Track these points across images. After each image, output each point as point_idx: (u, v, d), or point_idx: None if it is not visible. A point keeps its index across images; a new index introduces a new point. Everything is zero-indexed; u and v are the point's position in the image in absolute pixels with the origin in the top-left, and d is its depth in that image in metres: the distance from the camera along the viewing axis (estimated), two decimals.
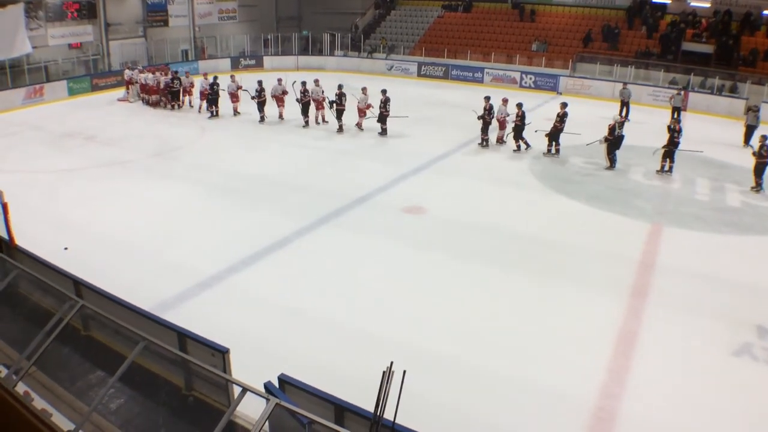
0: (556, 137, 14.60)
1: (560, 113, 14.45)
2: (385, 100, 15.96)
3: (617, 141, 13.71)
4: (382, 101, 15.98)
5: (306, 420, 3.55)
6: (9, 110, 19.03)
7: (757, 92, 20.82)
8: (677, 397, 6.04)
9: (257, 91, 17.35)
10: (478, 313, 7.56)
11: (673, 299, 7.96)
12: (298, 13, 35.59)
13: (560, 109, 14.52)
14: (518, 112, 14.71)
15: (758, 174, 12.51)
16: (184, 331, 5.18)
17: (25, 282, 6.22)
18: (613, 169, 13.78)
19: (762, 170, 12.47)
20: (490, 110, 15.10)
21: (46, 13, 22.52)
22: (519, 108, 14.81)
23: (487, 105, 15.06)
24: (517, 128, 14.81)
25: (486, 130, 15.35)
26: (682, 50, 24.35)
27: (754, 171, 12.61)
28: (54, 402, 4.89)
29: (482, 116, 15.16)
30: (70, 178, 12.59)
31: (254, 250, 9.14)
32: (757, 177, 12.53)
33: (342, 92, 16.57)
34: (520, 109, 14.79)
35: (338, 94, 16.57)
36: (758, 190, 12.50)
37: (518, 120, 14.77)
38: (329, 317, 7.36)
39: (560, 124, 14.45)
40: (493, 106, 15.13)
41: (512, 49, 27.35)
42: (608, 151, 13.91)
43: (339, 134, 16.51)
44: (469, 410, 5.78)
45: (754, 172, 12.60)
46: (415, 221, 10.58)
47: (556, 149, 14.75)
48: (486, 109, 15.10)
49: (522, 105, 14.81)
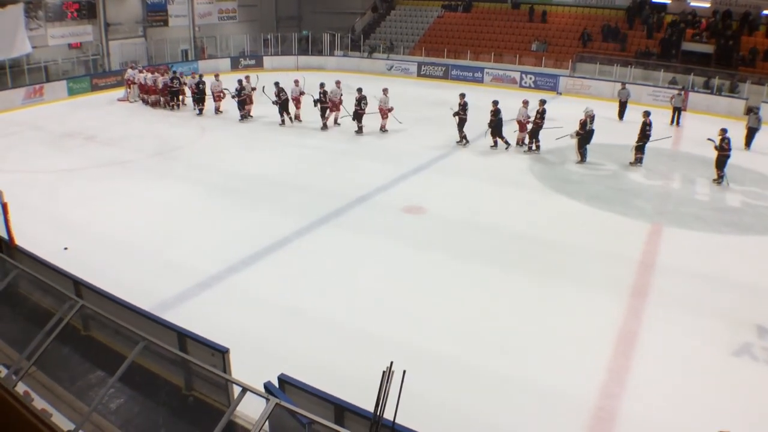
0: (536, 134, 14.78)
1: (539, 110, 14.63)
2: (360, 98, 16.14)
3: (588, 135, 14.00)
4: (357, 99, 16.17)
5: (306, 420, 3.55)
6: (9, 110, 19.03)
7: (757, 92, 20.82)
8: (677, 397, 6.04)
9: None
10: (478, 313, 7.56)
11: (673, 299, 7.96)
12: (298, 13, 35.59)
13: (539, 106, 14.68)
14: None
15: (720, 166, 12.94)
16: (184, 331, 5.19)
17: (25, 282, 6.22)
18: (584, 162, 14.12)
19: (724, 163, 12.89)
20: (465, 107, 15.22)
21: (45, 13, 22.51)
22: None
23: (461, 102, 15.22)
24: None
25: (462, 127, 15.44)
26: (682, 50, 24.36)
27: (715, 164, 13.02)
28: (54, 402, 4.89)
29: (457, 113, 15.32)
30: (70, 178, 12.59)
31: (254, 250, 9.14)
32: (719, 169, 12.96)
33: (325, 90, 16.70)
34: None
35: (321, 92, 16.72)
36: (720, 182, 12.90)
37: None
38: (329, 317, 7.36)
39: (540, 121, 14.64)
40: (467, 103, 15.25)
41: (512, 49, 27.35)
42: (579, 146, 14.24)
43: (323, 131, 16.70)
44: (469, 410, 5.78)
45: (715, 165, 13.02)
46: (415, 221, 10.58)
47: (536, 146, 14.92)
48: (461, 105, 15.23)
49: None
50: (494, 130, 14.93)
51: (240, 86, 17.49)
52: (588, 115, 13.95)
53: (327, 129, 16.91)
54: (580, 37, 26.50)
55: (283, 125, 17.34)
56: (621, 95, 19.45)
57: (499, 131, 15.03)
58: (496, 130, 14.94)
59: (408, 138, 16.27)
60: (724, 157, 12.84)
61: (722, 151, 12.82)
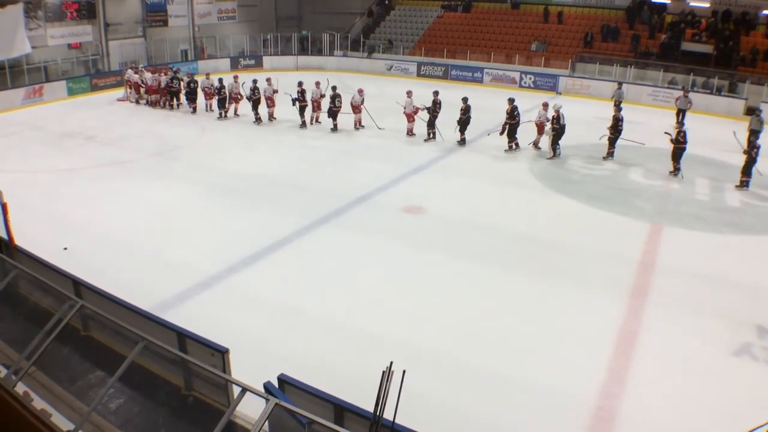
0: (513, 133, 14.93)
1: (508, 109, 14.82)
2: (334, 96, 16.31)
3: (561, 130, 14.23)
4: (332, 97, 16.35)
5: (306, 420, 3.55)
6: (8, 110, 19.02)
7: (757, 92, 20.82)
8: (677, 397, 6.04)
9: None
10: (478, 313, 7.56)
11: (673, 299, 7.96)
12: (297, 13, 35.58)
13: (508, 105, 14.86)
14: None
15: (676, 159, 13.27)
16: (183, 331, 5.18)
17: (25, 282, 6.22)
18: (558, 157, 14.38)
19: (679, 155, 13.19)
20: (439, 105, 15.47)
21: (45, 13, 22.49)
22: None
23: (436, 99, 15.43)
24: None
25: (433, 124, 15.64)
26: (682, 50, 24.37)
27: (672, 156, 13.33)
28: (54, 402, 4.89)
29: (428, 108, 15.49)
30: (70, 178, 12.58)
31: (254, 250, 9.14)
32: (675, 162, 13.30)
33: (303, 89, 16.84)
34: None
35: (299, 91, 16.84)
36: (676, 174, 13.25)
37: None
38: (329, 317, 7.36)
39: (512, 120, 14.78)
40: (441, 101, 15.48)
41: (512, 49, 27.35)
42: (553, 141, 14.38)
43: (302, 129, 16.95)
44: (469, 410, 5.78)
45: (671, 158, 13.34)
46: (415, 221, 10.58)
47: (516, 144, 15.06)
48: (435, 102, 15.46)
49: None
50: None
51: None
52: (557, 110, 14.19)
53: (306, 127, 17.10)
54: (583, 37, 26.44)
55: (257, 123, 17.51)
56: (616, 95, 19.40)
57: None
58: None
59: (408, 138, 16.26)
60: (679, 150, 13.16)
61: (678, 144, 13.14)
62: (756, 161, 12.46)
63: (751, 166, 12.52)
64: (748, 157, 12.47)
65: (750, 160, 12.46)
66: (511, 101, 14.86)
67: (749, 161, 12.47)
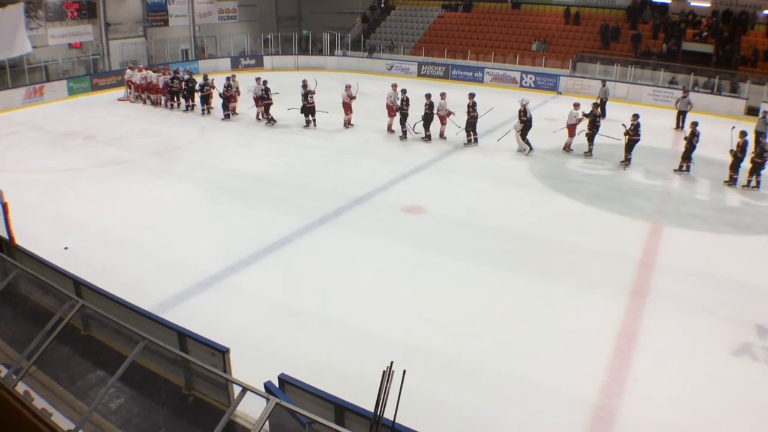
0: (473, 126, 15.34)
1: (469, 104, 15.21)
2: (306, 93, 16.57)
3: (529, 123, 14.67)
4: (303, 94, 16.61)
5: (306, 420, 3.56)
6: (9, 110, 19.04)
7: (758, 92, 20.80)
8: (677, 397, 6.04)
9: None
10: (479, 313, 7.56)
11: (673, 299, 7.96)
12: (298, 12, 35.58)
13: (468, 100, 15.22)
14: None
15: (628, 150, 14.04)
16: (184, 331, 5.19)
17: (25, 282, 6.23)
18: (532, 150, 14.80)
19: (632, 147, 13.96)
20: (407, 101, 15.72)
21: (46, 13, 22.52)
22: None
23: (403, 97, 15.74)
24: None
25: (404, 121, 15.82)
26: (683, 50, 24.36)
27: (625, 147, 14.04)
28: (54, 402, 4.90)
29: (400, 108, 15.73)
30: (70, 177, 12.59)
31: (254, 250, 9.14)
32: (627, 153, 14.07)
33: (268, 87, 17.11)
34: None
35: (264, 89, 17.08)
36: (627, 165, 14.00)
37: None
38: (329, 317, 7.36)
39: (472, 113, 15.20)
40: (408, 98, 15.73)
41: (512, 49, 27.34)
42: (522, 136, 14.75)
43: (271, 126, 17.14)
44: (469, 410, 5.78)
45: (625, 149, 14.06)
46: (415, 221, 10.58)
47: (474, 138, 15.45)
48: (403, 100, 15.73)
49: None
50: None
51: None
52: (523, 104, 14.57)
53: (228, 120, 17.75)
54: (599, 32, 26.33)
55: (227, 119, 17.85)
56: (601, 93, 19.40)
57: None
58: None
59: (408, 138, 16.25)
60: (633, 141, 13.86)
61: (632, 136, 13.78)
62: (764, 167, 12.58)
63: (739, 163, 12.86)
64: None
65: (737, 159, 12.83)
66: (472, 96, 15.27)
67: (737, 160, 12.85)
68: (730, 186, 12.88)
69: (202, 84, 18.65)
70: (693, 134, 13.31)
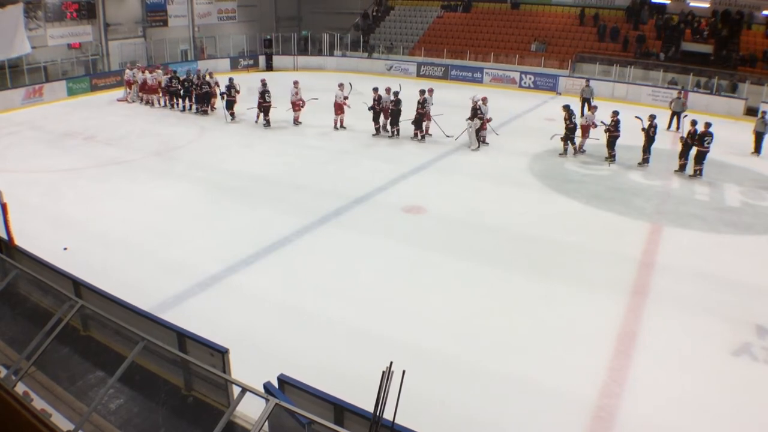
0: (419, 123, 15.80)
1: (420, 100, 15.62)
2: (263, 92, 16.87)
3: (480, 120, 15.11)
4: (261, 92, 16.92)
5: (306, 420, 3.55)
6: (8, 110, 19.03)
7: (757, 92, 20.81)
8: (677, 397, 6.04)
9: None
10: (478, 313, 7.55)
11: (673, 299, 7.96)
12: (297, 13, 35.57)
13: (419, 96, 15.62)
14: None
15: (610, 146, 14.38)
16: (183, 331, 5.18)
17: (25, 282, 6.22)
18: (487, 144, 15.35)
19: (613, 143, 14.33)
20: (379, 101, 16.04)
21: (45, 13, 22.49)
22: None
23: (375, 96, 16.01)
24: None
25: (377, 119, 16.26)
26: (682, 50, 24.37)
27: (607, 144, 14.42)
28: (53, 402, 4.89)
29: (372, 107, 16.10)
30: (69, 177, 12.58)
31: (254, 250, 9.14)
32: (610, 149, 14.40)
33: (233, 84, 17.49)
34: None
35: (228, 86, 17.48)
36: (612, 161, 14.29)
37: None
38: (329, 317, 7.36)
39: (422, 110, 15.62)
40: (381, 96, 16.00)
41: (511, 49, 27.35)
42: (477, 132, 15.14)
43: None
44: (468, 410, 5.78)
45: (607, 145, 14.42)
46: (415, 221, 10.58)
47: (422, 135, 15.91)
48: (375, 99, 16.03)
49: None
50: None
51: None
52: (475, 101, 15.01)
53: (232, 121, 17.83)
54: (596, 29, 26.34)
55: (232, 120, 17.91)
56: (584, 92, 19.38)
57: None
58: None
59: (408, 138, 16.26)
60: (614, 137, 14.26)
61: (612, 132, 14.18)
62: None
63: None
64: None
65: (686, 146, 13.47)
66: (422, 92, 15.64)
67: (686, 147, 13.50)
68: (679, 173, 13.53)
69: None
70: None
